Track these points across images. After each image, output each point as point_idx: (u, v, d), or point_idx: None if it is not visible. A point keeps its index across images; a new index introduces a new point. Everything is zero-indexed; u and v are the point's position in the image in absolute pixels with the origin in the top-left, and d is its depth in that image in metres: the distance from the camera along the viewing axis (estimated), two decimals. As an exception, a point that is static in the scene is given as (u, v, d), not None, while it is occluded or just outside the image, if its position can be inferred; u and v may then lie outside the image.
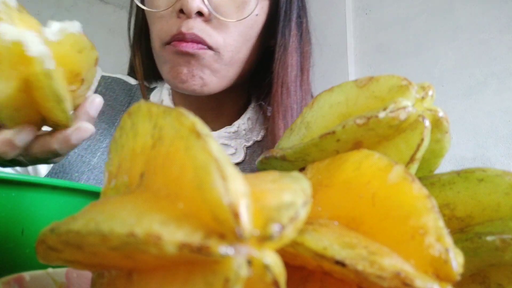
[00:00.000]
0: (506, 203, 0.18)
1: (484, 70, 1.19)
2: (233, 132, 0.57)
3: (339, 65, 1.42)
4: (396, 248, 0.15)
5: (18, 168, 0.52)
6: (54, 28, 0.28)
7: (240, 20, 0.49)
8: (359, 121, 0.19)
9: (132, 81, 0.61)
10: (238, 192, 0.11)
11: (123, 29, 0.61)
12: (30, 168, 0.53)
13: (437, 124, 0.20)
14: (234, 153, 0.57)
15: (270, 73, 0.54)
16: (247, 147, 0.58)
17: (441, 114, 0.20)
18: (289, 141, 0.23)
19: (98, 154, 0.54)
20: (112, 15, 1.85)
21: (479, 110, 1.19)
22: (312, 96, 0.56)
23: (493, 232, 0.18)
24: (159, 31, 0.50)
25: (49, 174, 0.53)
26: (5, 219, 0.24)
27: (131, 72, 0.63)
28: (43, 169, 0.54)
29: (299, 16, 0.55)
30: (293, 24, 0.54)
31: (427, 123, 0.19)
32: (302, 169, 0.21)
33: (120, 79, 0.60)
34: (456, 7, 1.25)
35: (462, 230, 0.19)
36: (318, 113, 0.22)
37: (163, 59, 0.51)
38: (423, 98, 0.19)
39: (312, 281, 0.17)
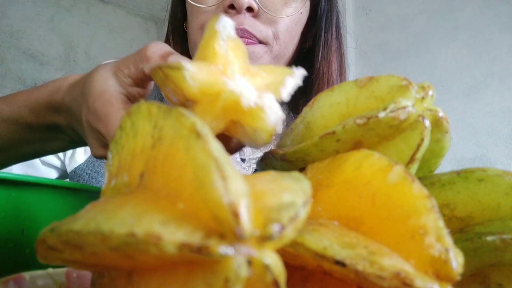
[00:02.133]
0: (506, 203, 0.18)
1: (484, 70, 1.19)
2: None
3: (339, 65, 1.42)
4: (396, 248, 0.15)
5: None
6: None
7: (289, 16, 0.51)
8: (359, 121, 0.19)
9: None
10: (238, 192, 0.11)
11: (123, 29, 0.60)
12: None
13: (437, 124, 0.20)
14: None
15: (311, 74, 0.57)
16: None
17: (441, 114, 0.20)
18: (289, 141, 0.23)
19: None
20: (112, 15, 1.85)
21: (479, 110, 1.19)
22: None
23: (493, 232, 0.18)
24: (203, 24, 0.51)
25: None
26: (5, 219, 0.24)
27: None
28: (80, 157, 0.56)
29: (338, 17, 0.59)
30: (334, 25, 0.57)
31: (427, 123, 0.19)
32: (302, 169, 0.21)
33: None
34: (456, 7, 1.25)
35: (462, 230, 0.19)
36: (318, 113, 0.22)
37: None
38: (423, 98, 0.19)
39: (312, 281, 0.17)
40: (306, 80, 0.58)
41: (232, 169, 0.12)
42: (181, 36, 0.59)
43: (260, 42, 0.50)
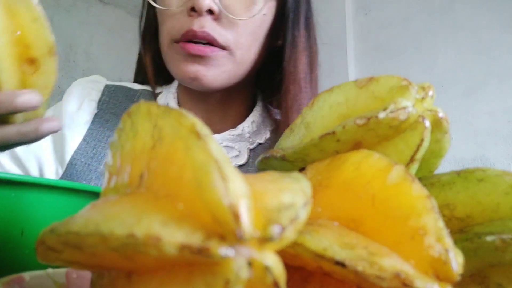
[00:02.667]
0: (506, 203, 0.18)
1: (484, 70, 1.20)
2: (237, 135, 0.58)
3: (339, 65, 1.42)
4: (396, 248, 0.15)
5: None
6: None
7: (250, 18, 0.50)
8: (359, 122, 0.19)
9: (137, 86, 0.62)
10: (238, 192, 0.11)
11: (123, 29, 0.61)
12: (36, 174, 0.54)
13: (437, 124, 0.20)
14: (237, 156, 0.58)
15: (280, 73, 0.56)
16: (251, 150, 0.59)
17: (441, 114, 0.20)
18: (288, 141, 0.23)
19: (105, 161, 0.55)
20: (112, 15, 1.85)
21: (479, 110, 1.19)
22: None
23: (493, 232, 0.18)
24: (170, 28, 0.51)
25: None
26: (5, 219, 0.24)
27: (138, 75, 0.64)
28: (51, 176, 0.54)
29: (306, 15, 0.57)
30: (302, 23, 0.56)
31: (427, 123, 0.19)
32: (302, 169, 0.21)
33: (123, 87, 0.61)
34: (456, 7, 1.25)
35: (462, 230, 0.19)
36: (318, 113, 0.22)
37: (170, 57, 0.52)
38: (423, 98, 0.19)
39: (312, 282, 0.17)
40: (277, 78, 0.58)
41: (232, 169, 0.12)
42: (152, 38, 0.59)
43: (221, 47, 0.50)
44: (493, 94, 1.18)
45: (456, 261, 0.14)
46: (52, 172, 0.54)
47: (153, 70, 0.59)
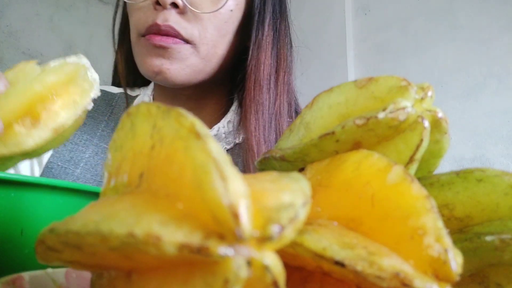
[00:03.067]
0: (505, 203, 0.18)
1: (484, 70, 1.20)
2: (213, 136, 0.57)
3: (338, 66, 1.42)
4: (395, 248, 0.15)
5: None
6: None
7: (214, 12, 0.50)
8: (358, 122, 0.19)
9: (114, 90, 0.62)
10: (238, 192, 0.11)
11: (123, 29, 0.61)
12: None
13: (436, 124, 0.20)
14: None
15: (244, 71, 0.55)
16: (227, 150, 0.59)
17: (440, 114, 0.20)
18: (288, 142, 0.23)
19: (81, 164, 0.55)
20: (111, 14, 1.85)
21: (478, 111, 1.19)
22: (292, 98, 0.58)
23: (492, 232, 0.18)
24: (136, 22, 0.51)
25: None
26: (4, 219, 0.24)
27: (115, 77, 0.64)
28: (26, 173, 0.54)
29: (273, 18, 0.56)
30: (267, 26, 0.55)
31: (426, 123, 0.19)
32: (301, 170, 0.21)
33: (102, 90, 0.60)
34: (456, 7, 1.25)
35: (461, 230, 0.19)
36: (317, 113, 0.22)
37: (137, 50, 0.52)
38: (422, 98, 0.19)
39: (311, 282, 0.17)
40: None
41: (232, 169, 0.12)
42: (125, 39, 0.59)
43: (186, 41, 0.49)
44: (493, 94, 1.18)
45: (455, 261, 0.14)
46: (26, 167, 0.54)
47: (127, 70, 0.59)
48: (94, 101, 0.61)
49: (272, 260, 0.11)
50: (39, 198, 0.26)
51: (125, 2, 0.56)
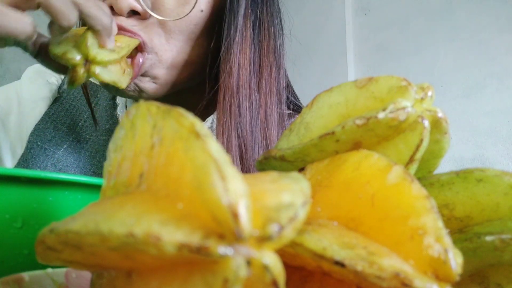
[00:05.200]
0: (505, 203, 0.18)
1: (483, 70, 1.20)
2: (207, 128, 0.53)
3: (338, 66, 1.42)
4: (395, 248, 0.15)
5: None
6: None
7: (182, 18, 0.43)
8: (358, 122, 0.19)
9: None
10: (238, 192, 0.11)
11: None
12: None
13: (436, 124, 0.20)
14: None
15: (215, 79, 0.47)
16: None
17: (440, 114, 0.20)
18: (288, 142, 0.23)
19: (64, 146, 0.52)
20: (112, 15, 1.84)
21: (478, 111, 1.19)
22: (282, 95, 0.50)
23: (492, 232, 0.18)
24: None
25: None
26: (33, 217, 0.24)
27: None
28: (7, 162, 0.53)
29: (251, 6, 0.47)
30: (240, 18, 0.46)
31: (426, 123, 0.19)
32: (301, 170, 0.21)
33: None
34: (456, 7, 1.25)
35: (461, 230, 0.19)
36: (317, 113, 0.22)
37: None
38: (422, 98, 0.19)
39: (311, 282, 0.17)
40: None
41: (232, 169, 0.12)
42: None
43: (144, 50, 0.43)
44: (493, 94, 1.18)
45: (455, 261, 0.14)
46: (6, 147, 0.52)
47: None
48: (78, 89, 0.58)
49: (271, 260, 0.11)
50: (65, 196, 0.26)
51: None
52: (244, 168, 0.45)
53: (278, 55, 0.49)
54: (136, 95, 0.46)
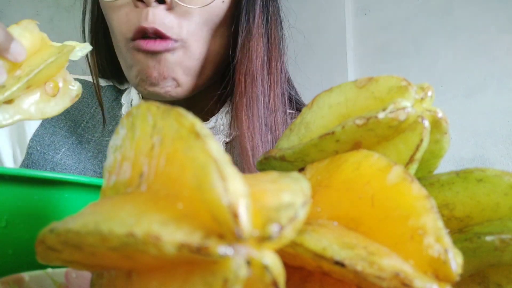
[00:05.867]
0: (505, 203, 0.18)
1: (484, 70, 1.20)
2: (210, 128, 0.54)
3: (338, 66, 1.42)
4: (395, 248, 0.15)
5: None
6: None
7: (205, 6, 0.45)
8: (358, 122, 0.19)
9: (102, 82, 0.59)
10: (237, 192, 0.11)
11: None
12: None
13: (436, 124, 0.20)
14: None
15: (233, 62, 0.50)
16: (226, 143, 0.55)
17: (440, 114, 0.20)
18: (288, 142, 0.23)
19: (63, 150, 0.52)
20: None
21: (478, 111, 1.19)
22: (285, 88, 0.53)
23: (492, 232, 0.18)
24: (119, 25, 0.46)
25: None
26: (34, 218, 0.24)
27: (103, 71, 0.60)
28: (9, 160, 0.53)
29: (267, 8, 0.51)
30: (258, 8, 0.49)
31: (426, 123, 0.19)
32: (301, 170, 0.21)
33: (88, 81, 0.57)
34: (456, 7, 1.25)
35: (461, 230, 0.19)
36: (317, 113, 0.22)
37: (129, 61, 0.47)
38: (422, 98, 0.19)
39: (311, 282, 0.17)
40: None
41: (232, 169, 0.12)
42: (102, 36, 0.54)
43: (176, 41, 0.44)
44: (493, 94, 1.18)
45: (455, 261, 0.14)
46: (8, 155, 0.52)
47: (112, 65, 0.55)
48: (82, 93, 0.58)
49: (271, 260, 0.11)
50: (69, 196, 0.25)
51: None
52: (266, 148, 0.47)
53: (281, 48, 0.52)
54: (172, 91, 0.47)
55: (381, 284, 0.13)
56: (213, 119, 0.54)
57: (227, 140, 0.55)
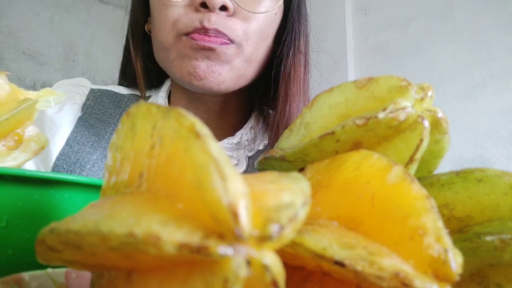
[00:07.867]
0: (505, 203, 0.18)
1: (484, 70, 1.20)
2: (236, 143, 0.56)
3: (338, 66, 1.42)
4: (395, 248, 0.15)
5: None
6: None
7: (264, 13, 0.49)
8: (358, 122, 0.19)
9: (124, 91, 0.59)
10: (237, 192, 0.11)
11: (123, 29, 0.60)
12: None
13: (437, 124, 0.20)
14: (236, 164, 0.55)
15: (276, 79, 0.54)
16: (249, 157, 0.57)
17: (440, 114, 0.20)
18: (288, 142, 0.23)
19: (88, 166, 0.53)
20: (112, 15, 1.85)
21: (478, 111, 1.19)
22: (308, 100, 0.57)
23: (492, 232, 0.18)
24: (175, 21, 0.48)
25: None
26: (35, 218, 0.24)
27: (123, 78, 0.61)
28: None
29: (306, 21, 0.56)
30: (302, 29, 0.54)
31: (426, 123, 0.19)
32: (301, 170, 0.21)
33: (110, 91, 0.58)
34: (456, 8, 1.25)
35: (461, 230, 0.19)
36: (317, 113, 0.22)
37: (176, 52, 0.49)
38: (422, 98, 0.19)
39: (311, 282, 0.17)
40: (268, 84, 0.56)
41: (232, 169, 0.12)
42: (142, 39, 0.56)
43: (232, 41, 0.48)
44: (493, 94, 1.18)
45: (455, 261, 0.14)
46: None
47: (143, 73, 0.56)
48: (102, 102, 0.59)
49: (271, 260, 0.11)
50: (70, 196, 0.25)
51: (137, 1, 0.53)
52: None
53: (309, 62, 0.58)
54: (215, 86, 0.48)
55: (381, 284, 0.13)
56: (238, 134, 0.56)
57: (250, 154, 0.57)
